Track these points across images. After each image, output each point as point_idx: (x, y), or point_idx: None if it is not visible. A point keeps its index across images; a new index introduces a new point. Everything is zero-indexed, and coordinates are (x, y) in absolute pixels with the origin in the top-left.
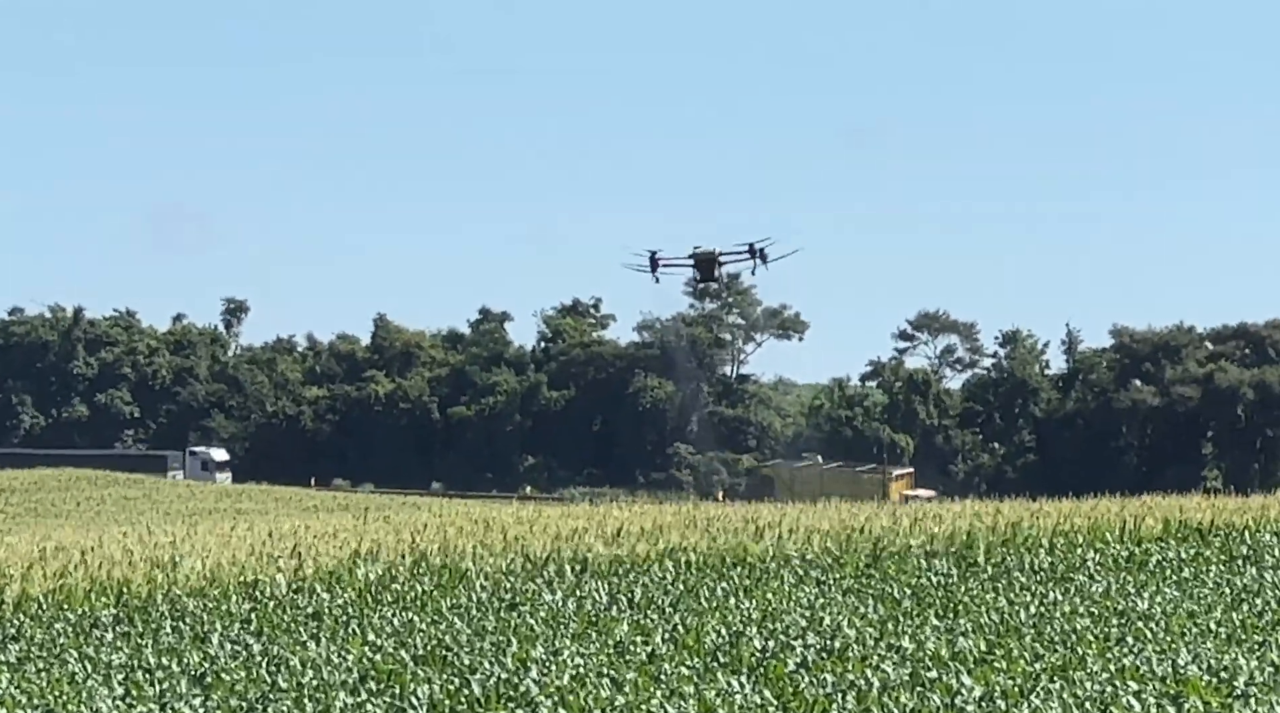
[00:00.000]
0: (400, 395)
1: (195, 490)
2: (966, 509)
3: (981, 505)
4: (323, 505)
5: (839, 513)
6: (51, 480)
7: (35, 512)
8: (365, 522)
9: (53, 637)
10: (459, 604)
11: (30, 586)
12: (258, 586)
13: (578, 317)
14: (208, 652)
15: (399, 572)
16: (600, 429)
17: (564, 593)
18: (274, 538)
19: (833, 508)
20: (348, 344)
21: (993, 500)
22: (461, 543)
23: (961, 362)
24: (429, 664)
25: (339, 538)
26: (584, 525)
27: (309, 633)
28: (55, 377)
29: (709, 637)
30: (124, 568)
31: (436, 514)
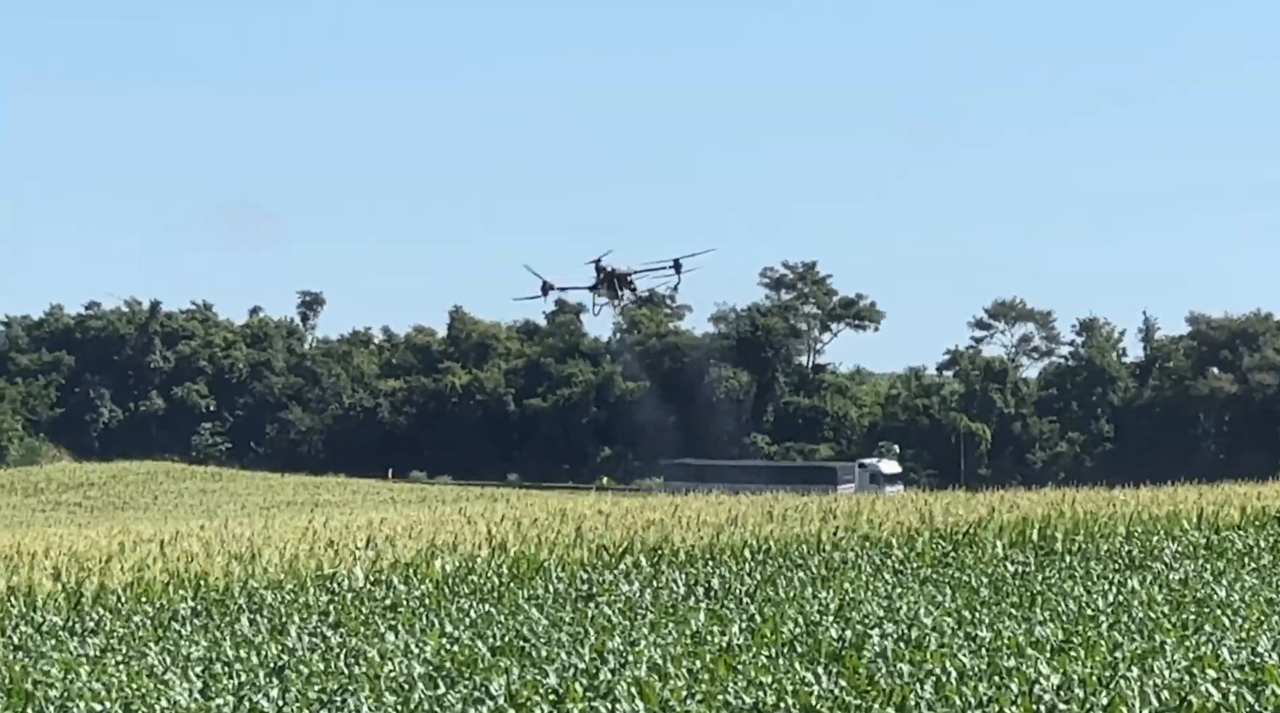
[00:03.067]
0: (476, 387)
1: (272, 484)
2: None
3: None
4: (400, 498)
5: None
6: (130, 474)
7: (114, 505)
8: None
9: (131, 630)
10: (536, 595)
11: (109, 579)
12: (335, 578)
13: (653, 307)
14: (286, 644)
15: (476, 563)
16: (676, 420)
17: (641, 583)
18: (351, 531)
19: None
20: (424, 336)
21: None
22: (538, 534)
23: (1038, 350)
24: (506, 655)
25: (416, 530)
26: (660, 516)
27: (386, 625)
28: (133, 370)
29: (786, 627)
30: (202, 561)
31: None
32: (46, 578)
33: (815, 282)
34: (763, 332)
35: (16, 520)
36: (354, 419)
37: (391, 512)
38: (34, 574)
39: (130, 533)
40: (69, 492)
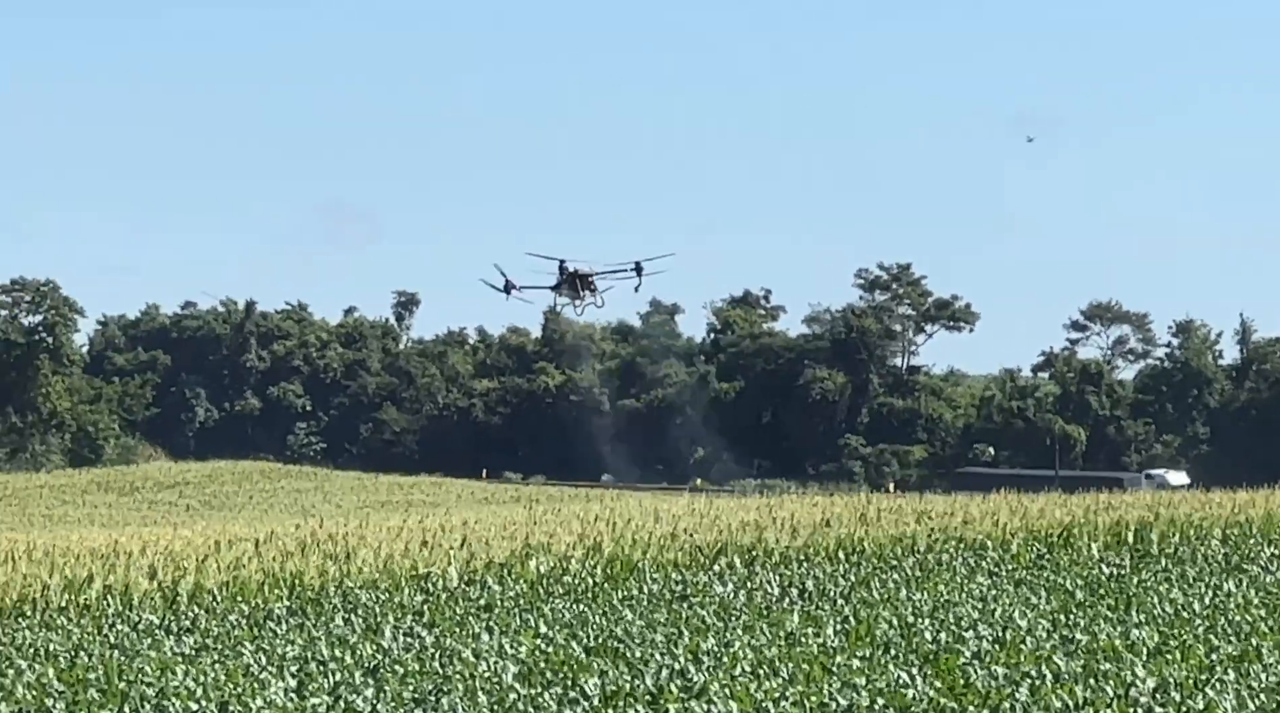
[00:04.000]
0: (571, 388)
1: (367, 483)
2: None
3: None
4: (494, 498)
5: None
6: (226, 473)
7: (209, 504)
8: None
9: (227, 629)
10: (630, 596)
11: (205, 578)
12: (430, 578)
13: (748, 308)
14: (380, 644)
15: (570, 564)
16: (770, 421)
17: (735, 585)
18: (445, 531)
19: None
20: (518, 337)
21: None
22: (632, 535)
23: (1134, 352)
24: (600, 656)
25: (510, 530)
26: (755, 517)
27: (481, 625)
28: (228, 370)
29: (881, 628)
30: (297, 560)
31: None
32: (143, 577)
33: (910, 283)
34: (857, 333)
35: (113, 519)
36: (448, 419)
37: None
38: (130, 573)
39: (226, 533)
40: (165, 491)
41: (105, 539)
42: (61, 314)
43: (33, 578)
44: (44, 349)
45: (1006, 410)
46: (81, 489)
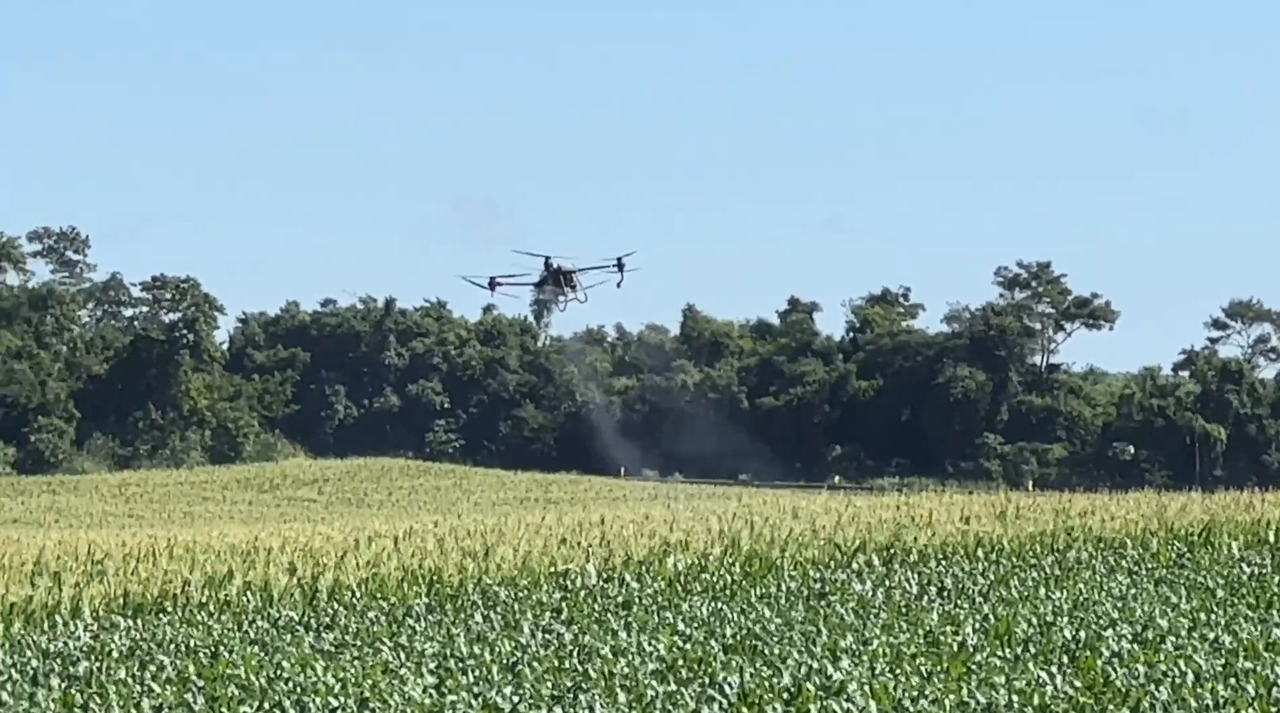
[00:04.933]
0: (709, 385)
1: (506, 481)
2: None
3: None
4: (632, 495)
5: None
6: (365, 470)
7: (349, 501)
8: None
9: (366, 625)
10: (768, 594)
11: (344, 574)
12: (568, 575)
13: (886, 306)
14: (519, 640)
15: (708, 561)
16: (909, 419)
17: (874, 582)
18: (584, 528)
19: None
20: (657, 335)
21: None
22: (770, 533)
23: (1275, 351)
24: (739, 653)
25: (648, 528)
26: (893, 515)
27: (619, 622)
28: (367, 367)
29: (1020, 627)
30: (436, 557)
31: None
32: (283, 574)
33: (1049, 281)
34: (996, 331)
35: (253, 516)
36: (586, 417)
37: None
38: (271, 570)
39: (365, 529)
40: (304, 488)
41: (245, 536)
42: (202, 311)
43: (174, 574)
44: (184, 346)
45: (1146, 409)
46: (222, 486)
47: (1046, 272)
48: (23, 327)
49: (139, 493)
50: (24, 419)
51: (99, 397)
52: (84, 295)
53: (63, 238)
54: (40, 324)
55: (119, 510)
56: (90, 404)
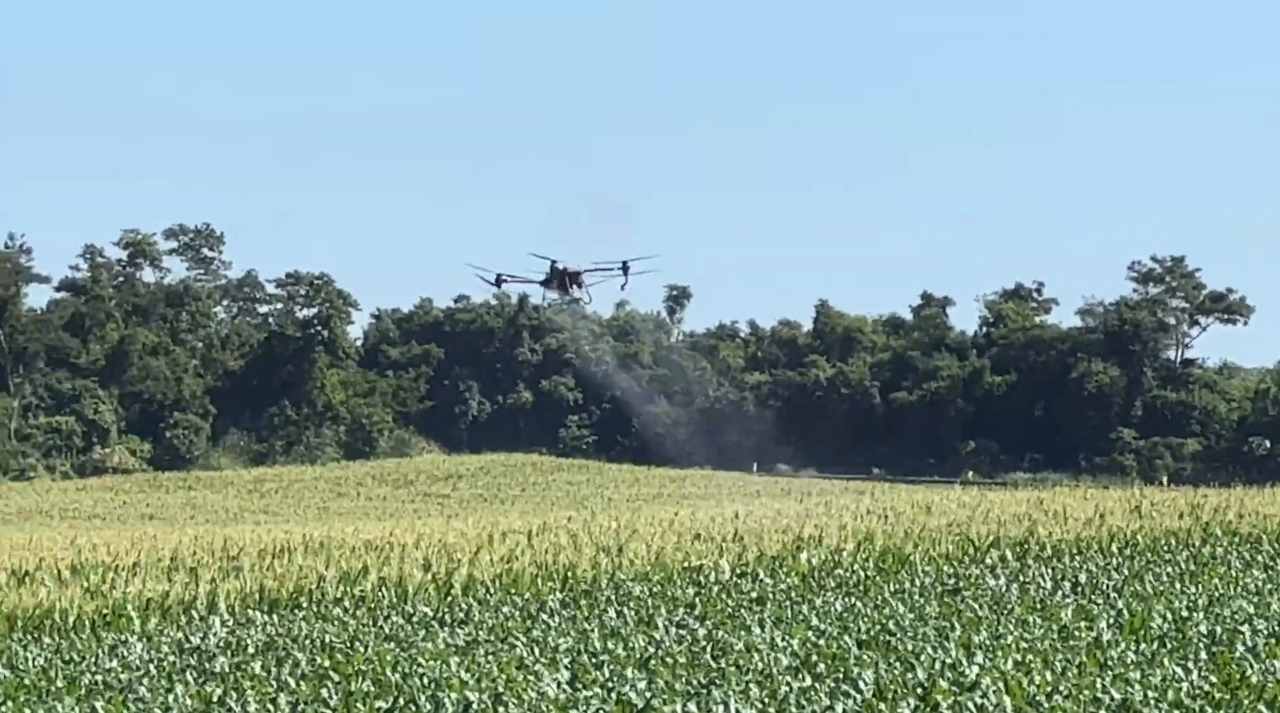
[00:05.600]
0: (842, 381)
1: (639, 476)
2: None
3: None
4: (765, 491)
5: None
6: (498, 466)
7: (482, 497)
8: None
9: (500, 621)
10: (902, 589)
11: (478, 570)
12: (702, 570)
13: (1020, 301)
14: (653, 636)
15: (842, 557)
16: (1042, 414)
17: (1007, 578)
18: (717, 523)
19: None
20: (789, 330)
21: None
22: (904, 528)
23: None
24: (873, 649)
25: (782, 524)
26: (1027, 510)
27: (753, 618)
28: (501, 364)
29: (1155, 622)
30: (570, 553)
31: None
32: (417, 569)
33: (1184, 275)
34: (1130, 326)
35: (387, 512)
36: (720, 412)
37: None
38: (405, 566)
39: (499, 525)
40: (438, 484)
41: (380, 532)
42: (336, 307)
43: (309, 570)
44: (319, 342)
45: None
46: (356, 482)
47: (1180, 266)
48: (159, 323)
49: (274, 489)
50: (160, 415)
51: (234, 393)
52: (219, 292)
53: (198, 235)
54: (176, 321)
55: (254, 506)
56: (226, 401)
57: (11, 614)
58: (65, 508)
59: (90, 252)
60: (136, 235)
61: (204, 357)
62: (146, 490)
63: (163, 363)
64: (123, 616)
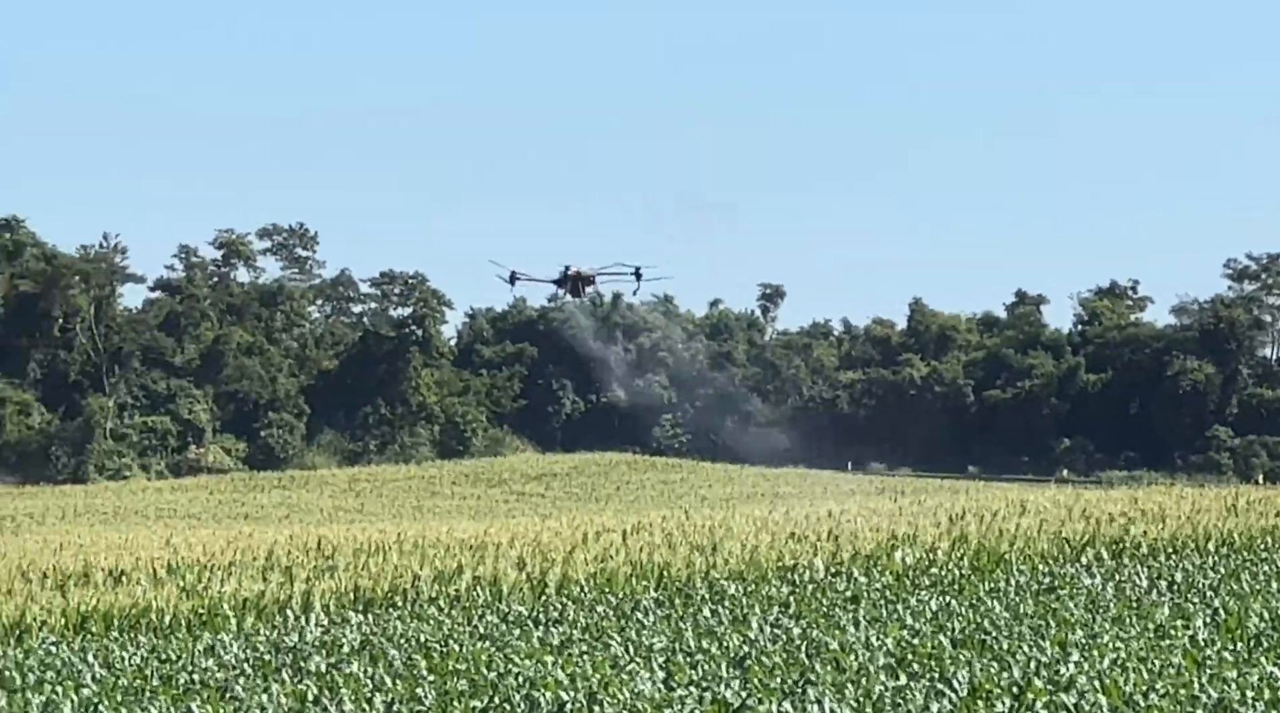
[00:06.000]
0: (936, 379)
1: (733, 475)
2: None
3: None
4: (859, 489)
5: None
6: (592, 465)
7: (576, 496)
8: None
9: (595, 620)
10: (997, 588)
11: (572, 569)
12: (796, 569)
13: (1114, 298)
14: (747, 635)
15: (936, 555)
16: (1137, 412)
17: (1103, 577)
18: (811, 522)
19: None
20: (883, 328)
21: None
22: (999, 527)
23: None
24: (968, 648)
25: (876, 522)
26: (1122, 509)
27: (847, 617)
28: (594, 362)
29: (1252, 621)
30: (664, 552)
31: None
32: (512, 568)
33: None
34: (1225, 323)
35: (481, 511)
36: (814, 411)
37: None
38: (500, 565)
39: (593, 524)
40: (531, 483)
41: (474, 531)
42: (430, 307)
43: (404, 569)
44: (414, 342)
45: None
46: (450, 481)
47: (1277, 263)
48: (254, 323)
49: (368, 488)
50: (255, 415)
51: (329, 392)
52: (314, 291)
53: (292, 234)
54: (271, 321)
55: (349, 506)
56: (320, 400)
57: (108, 614)
58: (160, 508)
59: (185, 251)
60: (231, 235)
61: (298, 356)
62: (241, 490)
63: (257, 362)
64: (218, 615)
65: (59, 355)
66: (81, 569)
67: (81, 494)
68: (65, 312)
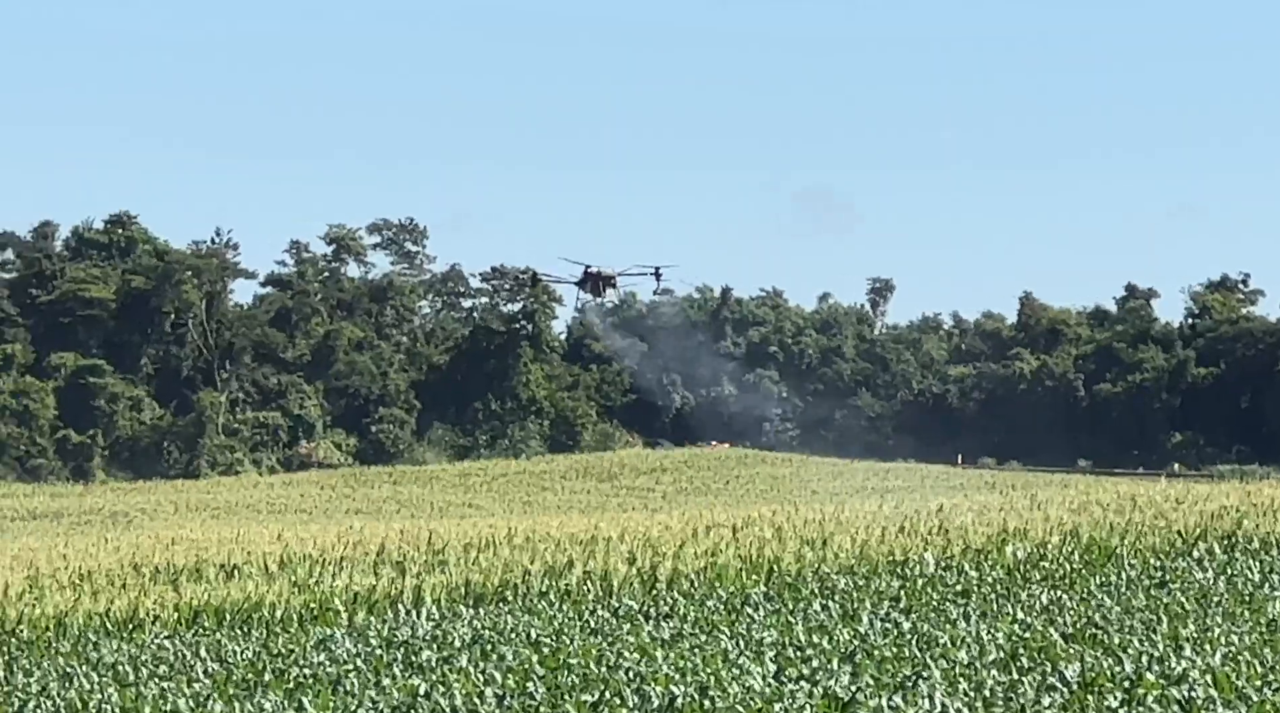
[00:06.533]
0: (1046, 373)
1: (842, 469)
2: None
3: None
4: (969, 483)
5: None
6: (702, 459)
7: (685, 490)
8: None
9: (705, 614)
10: (1108, 582)
11: (682, 563)
12: (906, 563)
13: (1225, 292)
14: (857, 629)
15: (1047, 549)
16: (1248, 406)
17: (1215, 571)
18: (921, 516)
19: None
20: (993, 322)
21: None
22: (1109, 521)
23: None
24: (1079, 642)
25: (986, 516)
26: (1234, 502)
27: (958, 611)
28: (704, 357)
29: None
30: (774, 546)
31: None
32: (622, 563)
33: None
34: None
35: (591, 506)
36: (923, 405)
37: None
38: (610, 559)
39: (702, 519)
40: (642, 477)
41: (584, 525)
42: (540, 302)
43: (514, 564)
44: (524, 337)
45: None
46: (560, 475)
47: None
48: (364, 318)
49: (479, 483)
50: (365, 410)
51: (439, 387)
52: (423, 286)
53: (402, 229)
54: (381, 316)
55: (459, 500)
56: (430, 395)
57: (220, 608)
58: (272, 503)
59: (296, 247)
60: (341, 230)
61: (408, 351)
62: (352, 485)
63: (367, 358)
64: (330, 609)
65: (171, 351)
66: (194, 564)
67: (194, 489)
68: (177, 307)
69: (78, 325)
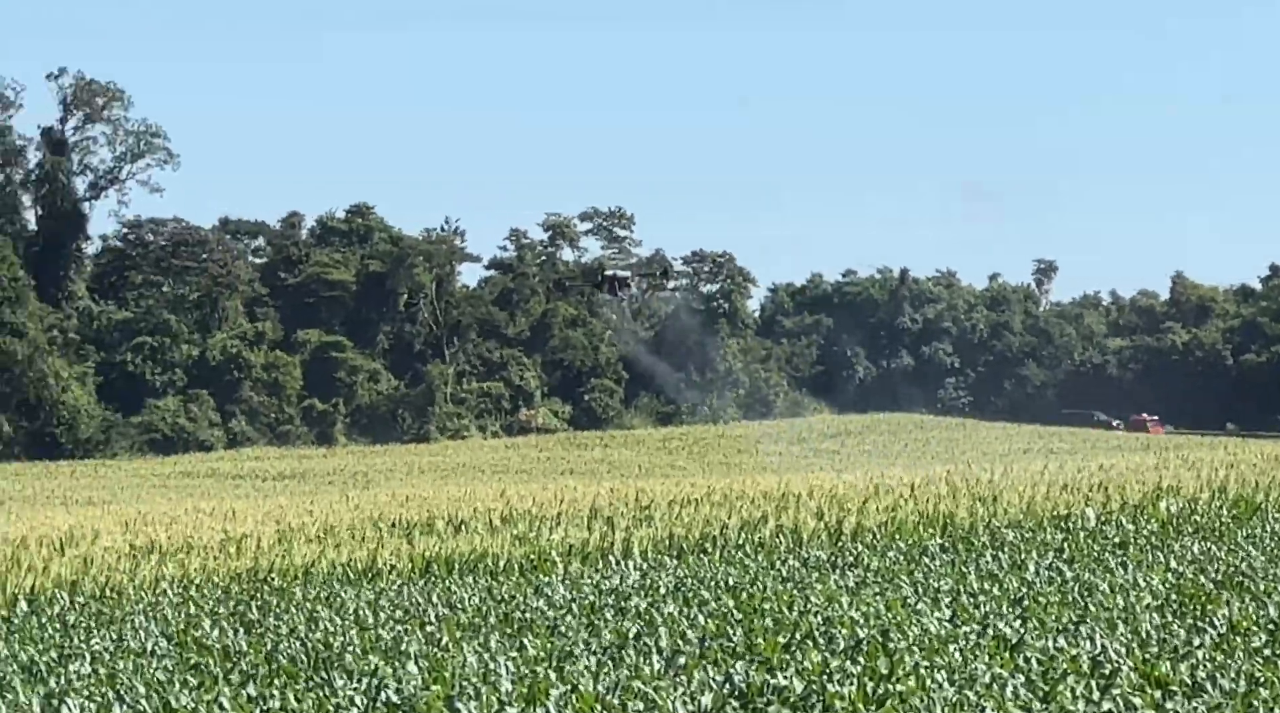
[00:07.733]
0: (1196, 345)
1: (1010, 433)
2: None
3: None
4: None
5: None
6: (882, 425)
7: (869, 453)
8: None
9: (886, 564)
10: (1254, 534)
11: (865, 518)
12: (1069, 518)
13: None
14: (1025, 578)
15: (1198, 505)
16: None
17: None
18: (1083, 475)
19: None
20: (1148, 299)
21: None
22: (1255, 478)
23: None
24: (1227, 589)
25: (1142, 475)
26: None
27: (1116, 561)
28: (884, 331)
29: None
30: (949, 502)
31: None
32: (811, 517)
33: None
34: None
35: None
36: (1085, 374)
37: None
38: (799, 514)
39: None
40: (828, 440)
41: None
42: (736, 283)
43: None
44: (721, 314)
45: None
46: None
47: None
48: (577, 298)
49: (680, 446)
50: (579, 380)
51: (645, 360)
52: (631, 269)
53: (611, 217)
54: (593, 296)
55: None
56: (637, 367)
57: (449, 558)
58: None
59: (515, 234)
60: (557, 218)
61: (617, 328)
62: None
63: (580, 334)
64: (547, 560)
65: (404, 328)
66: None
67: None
68: (410, 288)
69: (321, 305)
